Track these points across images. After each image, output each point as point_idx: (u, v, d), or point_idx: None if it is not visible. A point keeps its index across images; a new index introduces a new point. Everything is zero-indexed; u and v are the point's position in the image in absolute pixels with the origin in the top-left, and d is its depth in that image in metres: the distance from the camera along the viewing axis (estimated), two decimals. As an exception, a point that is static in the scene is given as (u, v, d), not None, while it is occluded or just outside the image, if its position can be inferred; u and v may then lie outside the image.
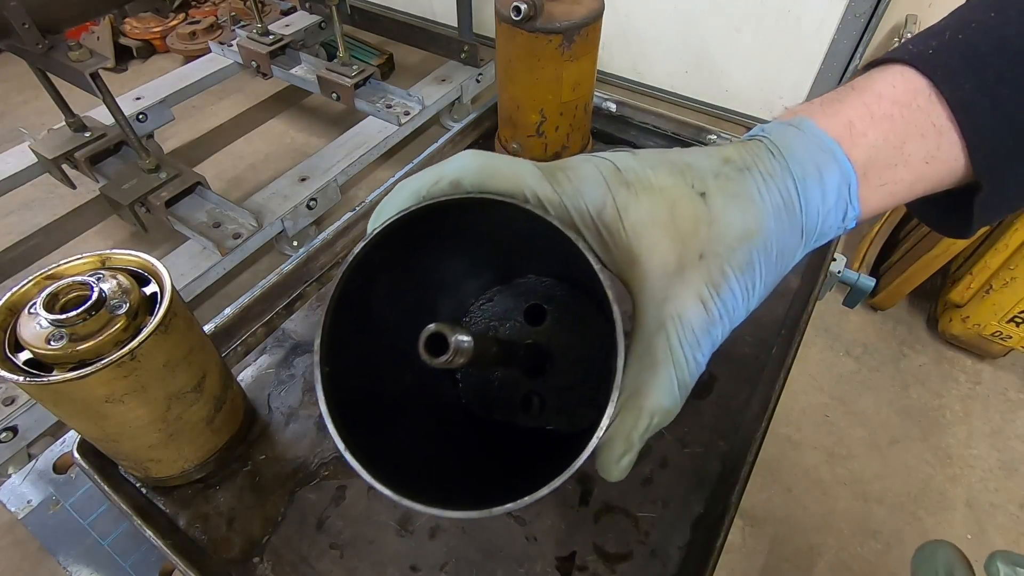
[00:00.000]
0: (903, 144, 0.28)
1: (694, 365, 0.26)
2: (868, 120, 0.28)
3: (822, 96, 0.31)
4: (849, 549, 1.16)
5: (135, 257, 0.42)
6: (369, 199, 0.71)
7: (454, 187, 0.28)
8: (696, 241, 0.26)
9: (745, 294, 0.27)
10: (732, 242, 0.26)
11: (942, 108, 0.27)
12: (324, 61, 1.92)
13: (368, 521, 0.48)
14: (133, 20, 2.54)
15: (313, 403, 0.55)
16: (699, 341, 0.26)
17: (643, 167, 0.28)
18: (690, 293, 0.26)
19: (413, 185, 0.29)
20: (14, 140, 1.70)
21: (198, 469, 0.49)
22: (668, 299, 0.26)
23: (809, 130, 0.28)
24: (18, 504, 0.49)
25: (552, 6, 0.66)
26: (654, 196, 0.27)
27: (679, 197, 0.27)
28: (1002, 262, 1.30)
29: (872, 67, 0.30)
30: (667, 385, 0.26)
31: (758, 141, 0.29)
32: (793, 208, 0.27)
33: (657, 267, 0.26)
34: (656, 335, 0.26)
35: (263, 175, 1.97)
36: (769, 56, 1.98)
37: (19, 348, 0.38)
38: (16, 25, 1.10)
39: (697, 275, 0.26)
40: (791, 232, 0.27)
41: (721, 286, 0.26)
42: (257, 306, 0.62)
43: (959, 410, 1.39)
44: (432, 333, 0.24)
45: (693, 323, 0.26)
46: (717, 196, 0.27)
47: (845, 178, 0.28)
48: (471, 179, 0.28)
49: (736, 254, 0.26)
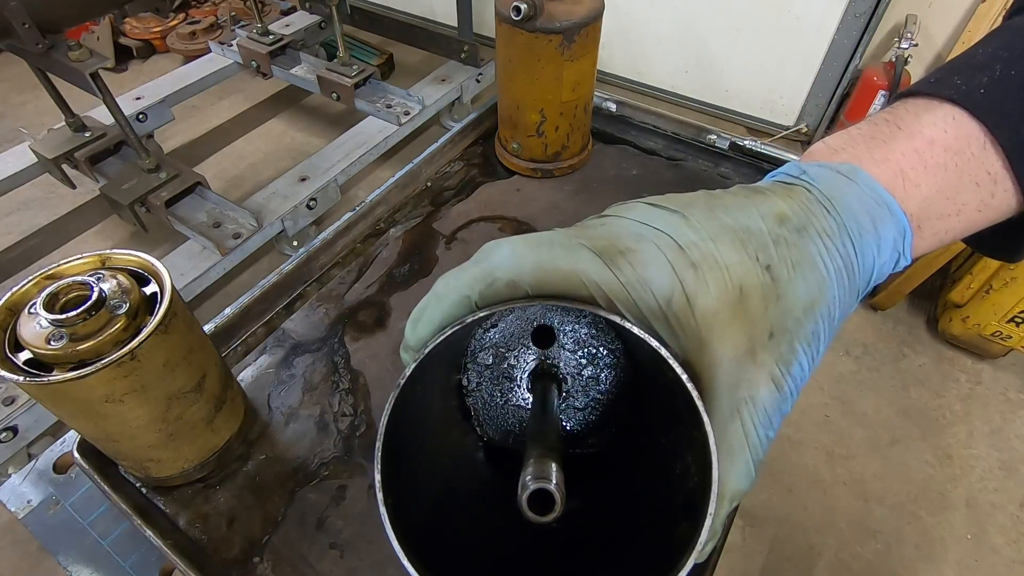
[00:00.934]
0: (957, 195, 0.27)
1: (767, 443, 0.26)
2: (921, 170, 0.27)
3: (862, 129, 0.29)
4: (849, 549, 1.16)
5: (135, 257, 0.42)
6: (369, 199, 0.72)
7: (511, 288, 0.25)
8: (765, 319, 0.25)
9: (811, 363, 0.26)
10: (799, 315, 0.25)
11: (997, 156, 0.26)
12: (324, 61, 1.92)
13: (368, 521, 0.48)
14: (133, 20, 2.54)
15: (313, 403, 0.55)
16: (771, 420, 0.26)
17: (705, 241, 0.26)
18: (763, 375, 0.25)
19: (461, 288, 0.26)
20: (14, 140, 1.70)
21: (198, 469, 0.49)
22: (740, 383, 0.25)
23: (863, 181, 0.27)
24: (18, 504, 0.49)
25: (552, 6, 0.66)
26: (722, 278, 0.25)
27: (746, 274, 0.25)
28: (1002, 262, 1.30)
29: (912, 96, 0.29)
30: (744, 470, 0.25)
31: (807, 191, 0.27)
32: (853, 269, 0.26)
33: (728, 352, 0.25)
34: (731, 422, 0.25)
35: (263, 175, 1.97)
36: (769, 56, 1.98)
37: (19, 348, 0.38)
38: (16, 25, 1.11)
39: (769, 356, 0.25)
40: (850, 291, 0.27)
41: (792, 363, 0.26)
42: (257, 306, 0.62)
43: (959, 410, 1.39)
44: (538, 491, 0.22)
45: (767, 404, 0.25)
46: (782, 268, 0.25)
47: (900, 231, 0.27)
48: (528, 279, 0.25)
49: (804, 327, 0.26)
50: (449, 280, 0.26)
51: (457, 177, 0.80)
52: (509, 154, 0.80)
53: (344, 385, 0.57)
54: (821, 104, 2.01)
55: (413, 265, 0.68)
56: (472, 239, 0.71)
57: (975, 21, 1.67)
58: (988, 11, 1.63)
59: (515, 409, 0.36)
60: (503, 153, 0.81)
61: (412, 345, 0.27)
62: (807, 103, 2.04)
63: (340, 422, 0.54)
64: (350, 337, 0.61)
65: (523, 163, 0.79)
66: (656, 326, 0.26)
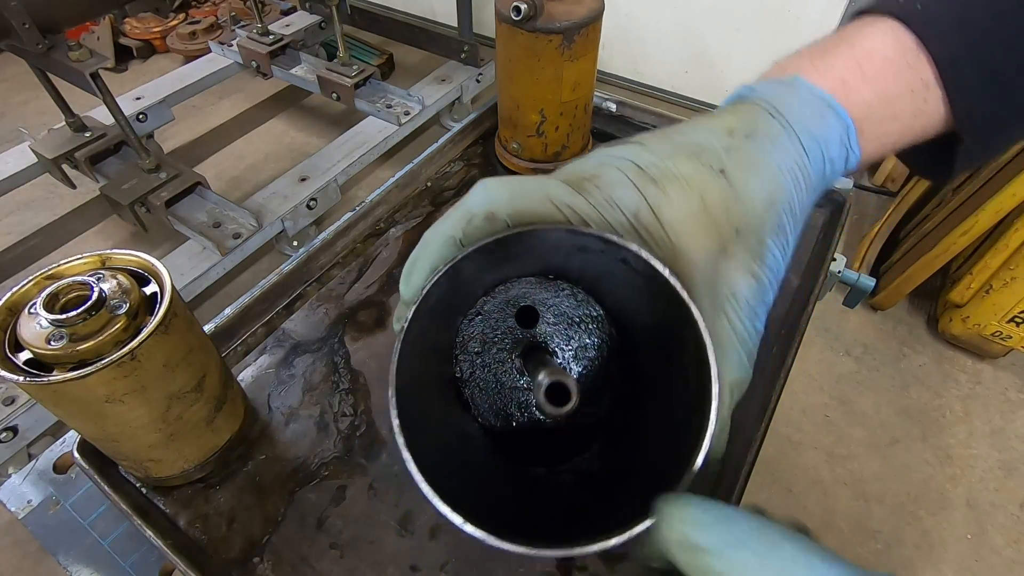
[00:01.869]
0: (895, 101, 0.29)
1: (756, 335, 0.28)
2: (860, 78, 0.29)
3: (810, 47, 0.31)
4: (849, 549, 1.16)
5: (135, 257, 0.42)
6: (369, 199, 0.71)
7: (489, 221, 0.27)
8: (729, 220, 0.27)
9: (783, 253, 0.28)
10: (761, 211, 0.27)
11: (928, 65, 0.28)
12: (324, 61, 1.92)
13: (368, 521, 0.48)
14: (133, 20, 2.54)
15: (313, 403, 0.55)
16: (756, 311, 0.28)
17: (662, 160, 0.28)
18: (738, 269, 0.27)
19: (445, 230, 0.28)
20: (14, 140, 1.70)
21: (198, 469, 0.49)
22: (718, 282, 0.27)
23: (804, 87, 0.29)
24: (18, 504, 0.49)
25: (552, 6, 0.66)
26: (681, 187, 0.27)
27: (704, 182, 0.27)
28: (1002, 262, 1.30)
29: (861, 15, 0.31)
30: (737, 360, 0.27)
31: (753, 105, 0.29)
32: (804, 164, 0.28)
33: (701, 255, 0.27)
34: (717, 319, 0.27)
35: (263, 175, 1.97)
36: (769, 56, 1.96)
37: (19, 348, 0.38)
38: (16, 25, 1.11)
39: (740, 251, 0.27)
40: (806, 187, 0.29)
41: (763, 254, 0.28)
42: (257, 306, 0.62)
43: (959, 410, 1.39)
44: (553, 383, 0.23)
45: (748, 297, 0.27)
46: (736, 171, 0.27)
47: (844, 127, 0.29)
48: (504, 209, 0.27)
49: (768, 221, 0.27)
50: (434, 228, 0.28)
51: (457, 177, 0.80)
52: (509, 154, 0.80)
53: (344, 385, 0.57)
54: (821, 104, 2.00)
55: (413, 265, 0.68)
56: (472, 239, 0.71)
57: (975, 21, 1.67)
58: (988, 11, 1.63)
59: (512, 392, 0.36)
60: (503, 153, 0.81)
61: (408, 298, 0.28)
62: (807, 103, 2.04)
63: (340, 422, 0.54)
64: (350, 337, 0.61)
65: (523, 163, 0.79)
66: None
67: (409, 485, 0.50)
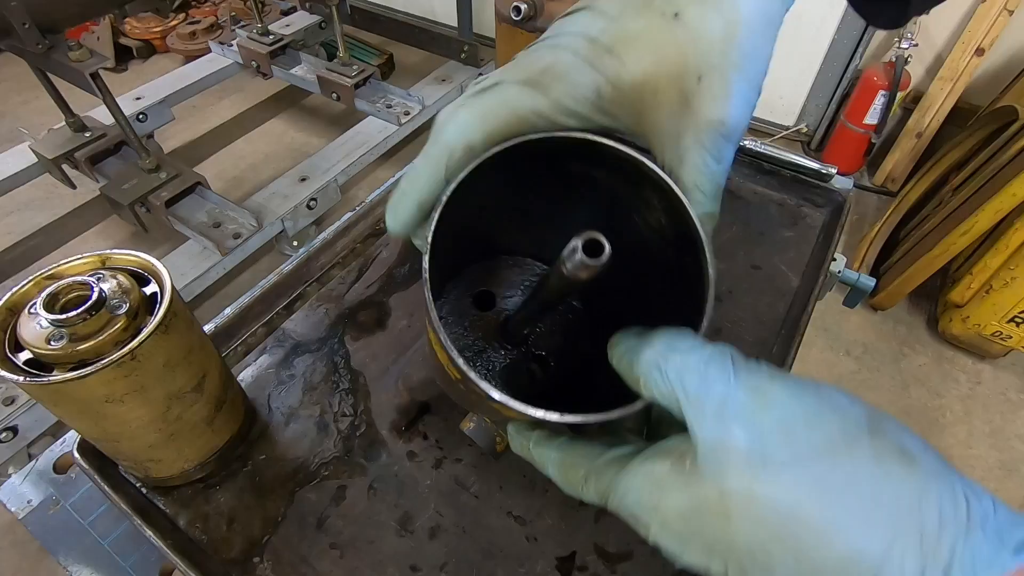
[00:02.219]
0: None
1: (721, 172, 0.27)
2: None
3: None
4: (849, 549, 1.16)
5: (135, 257, 0.42)
6: (369, 199, 0.71)
7: (468, 152, 0.28)
8: (688, 66, 0.26)
9: (751, 82, 0.27)
10: (721, 46, 0.26)
11: None
12: (324, 61, 1.92)
13: (368, 521, 0.48)
14: (133, 20, 2.54)
15: (313, 403, 0.55)
16: (720, 152, 0.27)
17: (613, 22, 0.27)
18: (701, 117, 0.26)
19: (428, 171, 0.29)
20: (14, 140, 1.70)
21: (198, 469, 0.49)
22: (682, 133, 0.27)
23: None
24: (18, 504, 0.49)
25: (552, 6, 0.66)
26: (638, 48, 0.27)
27: (658, 33, 0.26)
28: (1002, 262, 1.30)
29: None
30: (701, 198, 0.27)
31: None
32: None
33: (663, 113, 0.27)
34: (683, 168, 0.27)
35: (263, 175, 1.97)
36: (769, 56, 1.97)
37: (19, 348, 0.38)
38: (16, 25, 1.11)
39: (705, 98, 0.26)
40: (765, 14, 0.27)
41: (729, 93, 0.26)
42: (257, 306, 0.61)
43: (959, 410, 1.39)
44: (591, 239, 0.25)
45: (709, 141, 0.26)
46: (690, 10, 0.26)
47: None
48: (479, 138, 0.28)
49: (729, 56, 0.26)
50: (415, 168, 0.29)
51: (457, 177, 0.80)
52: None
53: (344, 385, 0.57)
54: (821, 104, 2.01)
55: (413, 265, 0.68)
56: (472, 239, 0.71)
57: (975, 21, 1.67)
58: (988, 11, 1.63)
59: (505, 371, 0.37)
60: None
61: (395, 228, 0.30)
62: (807, 103, 2.04)
63: (340, 422, 0.54)
64: (350, 337, 0.61)
65: (523, 163, 0.79)
66: (600, 121, 0.28)
67: (409, 485, 0.50)
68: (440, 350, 0.27)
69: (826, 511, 0.20)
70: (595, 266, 0.24)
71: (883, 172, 1.91)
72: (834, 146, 1.99)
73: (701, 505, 0.22)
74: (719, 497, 0.21)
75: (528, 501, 0.49)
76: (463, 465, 0.51)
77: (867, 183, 1.96)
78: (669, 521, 0.23)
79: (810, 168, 0.76)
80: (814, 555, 0.19)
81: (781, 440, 0.21)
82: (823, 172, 0.75)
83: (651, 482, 0.24)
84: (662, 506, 0.23)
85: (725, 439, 0.21)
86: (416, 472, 0.51)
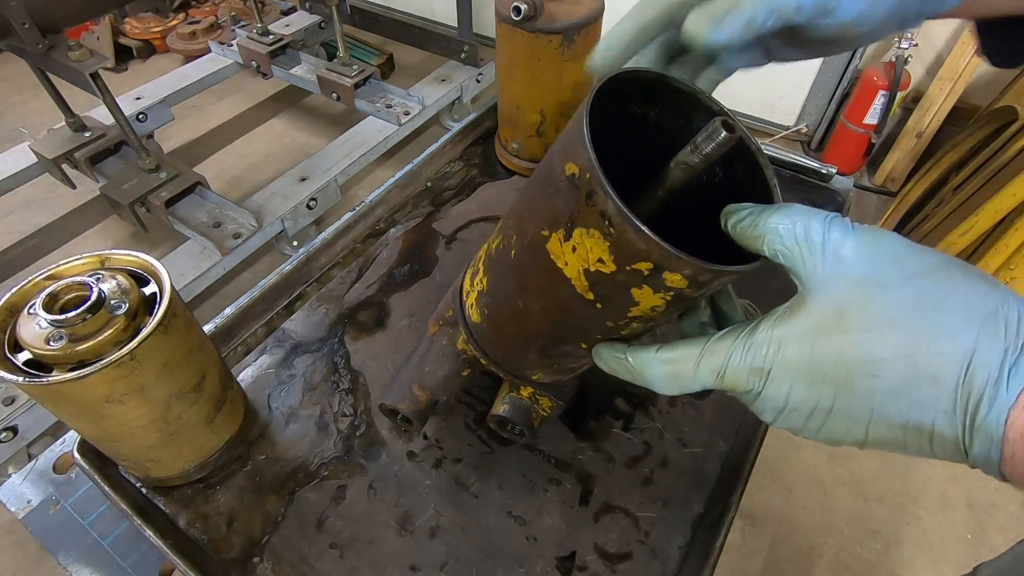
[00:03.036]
0: None
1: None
2: None
3: None
4: (849, 549, 1.16)
5: (135, 257, 0.42)
6: (369, 199, 0.71)
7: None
8: None
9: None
10: None
11: None
12: (324, 61, 1.92)
13: (368, 521, 0.48)
14: (133, 20, 2.54)
15: (313, 403, 0.55)
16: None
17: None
18: None
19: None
20: (14, 140, 1.70)
21: (198, 469, 0.49)
22: None
23: None
24: (18, 504, 0.49)
25: (552, 6, 0.66)
26: None
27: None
28: (1002, 262, 1.30)
29: None
30: None
31: None
32: None
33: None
34: None
35: (263, 175, 1.97)
36: (769, 56, 1.97)
37: (19, 348, 0.38)
38: (16, 25, 1.11)
39: None
40: None
41: None
42: (257, 306, 0.62)
43: (959, 410, 1.39)
44: (723, 120, 0.28)
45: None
46: None
47: None
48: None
49: None
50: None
51: (457, 177, 0.80)
52: (509, 154, 0.80)
53: (344, 385, 0.57)
54: (821, 104, 2.00)
55: (413, 265, 0.68)
56: (472, 239, 0.71)
57: (975, 21, 1.67)
58: (988, 11, 1.63)
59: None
60: (503, 153, 0.81)
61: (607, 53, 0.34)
62: (807, 103, 2.04)
63: (340, 422, 0.54)
64: (350, 337, 0.61)
65: (523, 163, 0.79)
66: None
67: (409, 485, 0.50)
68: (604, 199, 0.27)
69: (930, 316, 0.24)
70: (731, 141, 0.28)
71: (883, 172, 1.91)
72: (834, 146, 1.98)
73: (819, 328, 0.25)
74: (837, 316, 0.25)
75: (528, 501, 0.49)
76: (463, 465, 0.51)
77: (867, 183, 1.96)
78: (787, 358, 0.26)
79: (810, 168, 0.76)
80: (921, 353, 0.23)
81: (891, 266, 0.25)
82: (823, 172, 0.75)
83: (775, 335, 0.27)
84: (783, 347, 0.26)
85: (844, 270, 0.25)
86: (416, 472, 0.51)
